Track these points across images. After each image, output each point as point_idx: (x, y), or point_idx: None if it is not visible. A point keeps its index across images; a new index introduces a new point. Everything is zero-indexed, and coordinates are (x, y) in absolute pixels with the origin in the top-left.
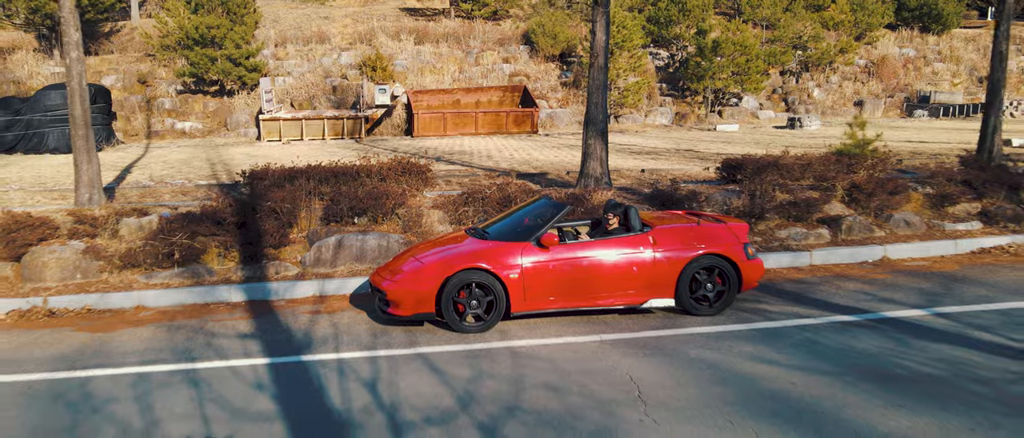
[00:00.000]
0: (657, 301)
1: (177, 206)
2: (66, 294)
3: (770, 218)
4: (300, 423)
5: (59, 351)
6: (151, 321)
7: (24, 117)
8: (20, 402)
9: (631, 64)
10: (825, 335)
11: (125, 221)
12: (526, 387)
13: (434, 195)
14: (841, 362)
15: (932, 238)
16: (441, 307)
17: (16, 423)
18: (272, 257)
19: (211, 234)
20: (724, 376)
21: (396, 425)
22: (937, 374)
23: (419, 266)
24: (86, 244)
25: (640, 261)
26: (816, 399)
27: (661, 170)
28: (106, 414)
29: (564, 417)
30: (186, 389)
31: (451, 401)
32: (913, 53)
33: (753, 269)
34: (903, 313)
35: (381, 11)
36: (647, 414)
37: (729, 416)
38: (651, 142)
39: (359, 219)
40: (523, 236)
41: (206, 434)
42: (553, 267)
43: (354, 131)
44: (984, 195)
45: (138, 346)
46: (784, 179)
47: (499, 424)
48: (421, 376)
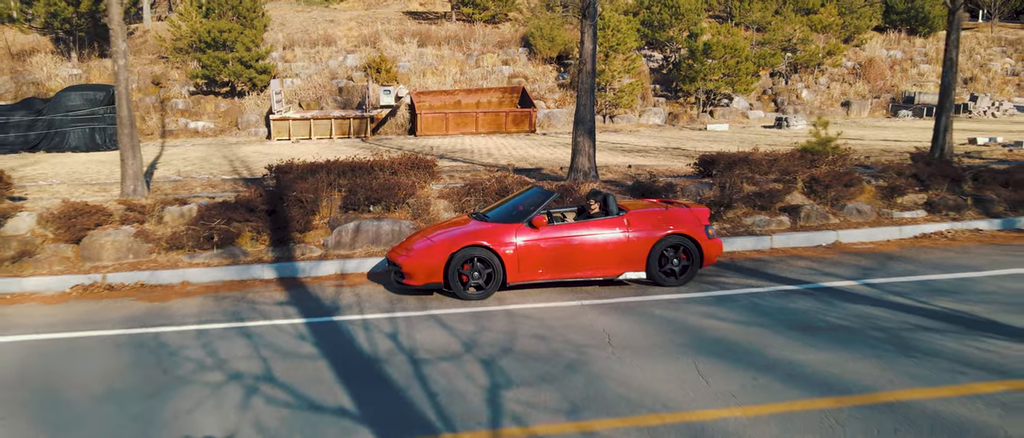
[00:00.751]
0: (631, 274)
1: (214, 197)
2: (121, 271)
3: (738, 207)
4: (339, 360)
5: (128, 315)
6: (198, 293)
7: (46, 117)
8: (113, 349)
9: (625, 66)
10: (768, 299)
11: (168, 209)
12: (518, 337)
13: (440, 187)
14: (775, 317)
15: (880, 225)
16: (448, 278)
17: (117, 362)
18: (298, 240)
19: (244, 220)
20: (679, 328)
21: (415, 361)
22: (848, 325)
23: (429, 244)
24: (136, 229)
25: (616, 240)
26: (748, 341)
27: (647, 166)
28: (182, 356)
29: (548, 355)
30: (241, 339)
31: (458, 346)
32: (900, 55)
33: (713, 247)
34: (837, 283)
35: (384, 14)
36: (613, 352)
37: (677, 353)
38: (643, 141)
39: (374, 207)
40: (518, 219)
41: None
42: (543, 245)
43: (360, 130)
44: (929, 187)
45: (192, 311)
46: (753, 173)
47: (496, 359)
48: (433, 330)
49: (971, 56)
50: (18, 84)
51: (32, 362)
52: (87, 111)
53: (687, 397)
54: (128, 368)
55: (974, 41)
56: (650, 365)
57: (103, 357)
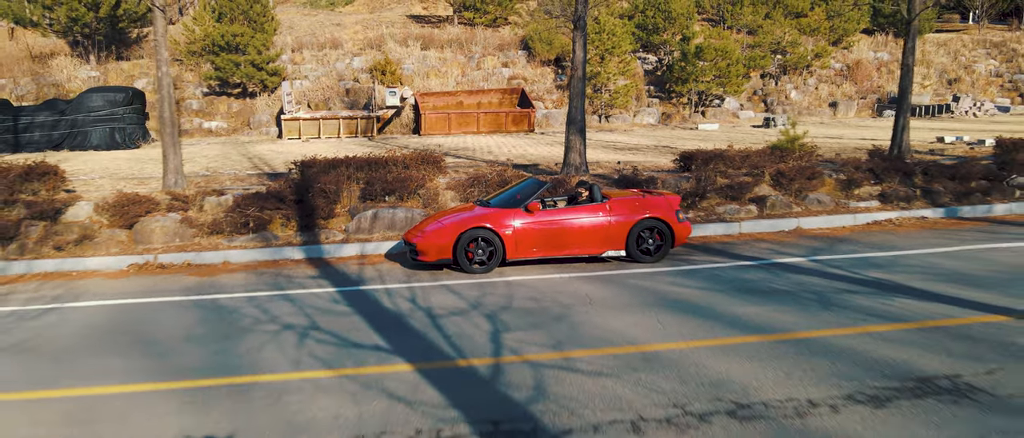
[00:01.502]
0: (612, 252)
1: (248, 189)
2: (170, 252)
3: (711, 197)
4: (369, 316)
5: (184, 286)
6: (238, 270)
7: (69, 117)
8: (181, 310)
9: (620, 68)
10: (727, 272)
11: (208, 199)
12: (515, 299)
13: (446, 180)
14: (729, 285)
15: (838, 213)
16: (456, 255)
17: (189, 318)
18: (322, 226)
19: (275, 208)
20: (648, 292)
21: (432, 316)
22: (787, 289)
23: (440, 226)
24: (181, 216)
25: (600, 223)
26: (702, 301)
27: (635, 162)
28: (240, 313)
29: (538, 311)
30: (285, 303)
31: (466, 305)
32: (887, 57)
33: (683, 229)
34: (788, 260)
35: (389, 18)
36: (592, 309)
37: (643, 309)
38: (635, 140)
39: (389, 197)
40: (516, 205)
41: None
42: (537, 227)
43: (367, 130)
44: (883, 180)
45: (238, 283)
46: (726, 168)
47: (497, 314)
48: (445, 295)
49: (956, 58)
50: (39, 86)
51: (120, 319)
52: (107, 112)
53: (645, 336)
54: (199, 322)
55: (960, 43)
56: (620, 316)
57: (176, 315)
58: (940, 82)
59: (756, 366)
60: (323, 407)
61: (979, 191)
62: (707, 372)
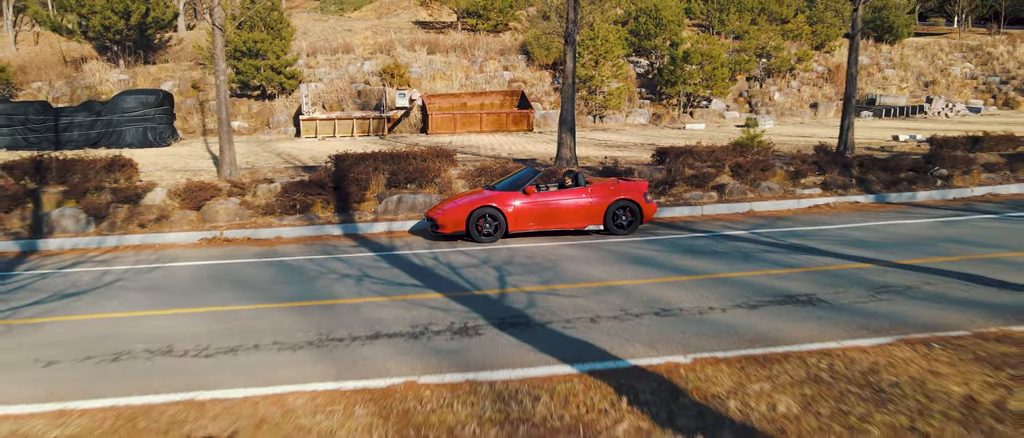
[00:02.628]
0: (593, 226)
1: (293, 178)
2: (232, 229)
3: (680, 185)
4: (404, 268)
5: (253, 252)
6: (291, 243)
7: (104, 117)
8: (258, 267)
9: (613, 72)
10: (682, 240)
11: (260, 186)
12: (515, 257)
13: (457, 171)
14: (680, 249)
15: (785, 198)
16: (468, 228)
17: (267, 272)
18: (355, 209)
19: (316, 194)
20: (617, 253)
21: (452, 268)
22: (723, 251)
23: (455, 205)
24: (240, 200)
25: (582, 203)
26: (657, 258)
27: (620, 157)
28: (305, 268)
29: (532, 264)
30: (337, 262)
31: (478, 261)
32: (867, 60)
33: (650, 208)
34: (733, 232)
35: (396, 24)
36: (573, 262)
37: (611, 263)
38: (625, 138)
39: (410, 185)
40: (516, 189)
41: None
42: (532, 206)
43: (378, 129)
44: (825, 171)
45: (295, 250)
46: (694, 161)
47: (502, 266)
48: (461, 255)
49: (934, 62)
50: (73, 88)
51: (215, 272)
52: (140, 112)
53: (609, 277)
54: (277, 273)
55: (937, 47)
56: (593, 267)
57: (256, 270)
58: (917, 84)
59: (681, 291)
60: (387, 314)
61: (906, 180)
62: (647, 295)
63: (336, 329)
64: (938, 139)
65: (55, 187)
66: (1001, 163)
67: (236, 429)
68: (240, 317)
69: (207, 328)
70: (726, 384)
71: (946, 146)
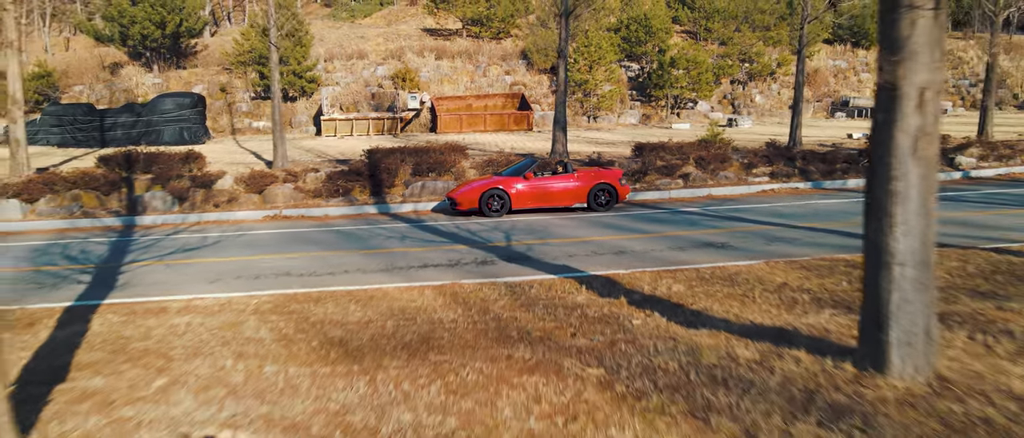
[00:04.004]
0: (578, 205)
1: (335, 168)
2: (288, 209)
3: (652, 174)
4: (433, 232)
5: (311, 225)
6: (337, 219)
7: (144, 118)
8: (320, 233)
9: (606, 76)
10: (646, 214)
11: (309, 174)
12: (517, 225)
13: (469, 162)
14: (645, 219)
15: (739, 185)
16: (481, 205)
17: (328, 235)
18: (387, 193)
19: (354, 181)
20: (597, 222)
21: (470, 231)
22: (676, 220)
23: (470, 187)
24: (293, 186)
25: (570, 186)
26: (625, 224)
27: (608, 152)
28: (356, 233)
29: (531, 228)
30: (380, 228)
31: (489, 228)
32: (845, 65)
33: (624, 190)
34: (688, 209)
35: (405, 31)
36: (562, 227)
37: (590, 228)
38: (614, 137)
39: (430, 174)
40: (518, 175)
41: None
42: (531, 189)
43: (392, 129)
44: (773, 163)
45: (343, 224)
46: (666, 154)
47: (507, 230)
48: (476, 224)
49: None
50: (112, 92)
51: (288, 235)
52: (176, 113)
53: (586, 235)
54: (336, 236)
55: None
56: (576, 230)
57: (321, 234)
58: None
59: (635, 243)
60: (429, 255)
61: (841, 170)
62: (610, 244)
63: (397, 263)
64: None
65: (142, 175)
66: None
67: (355, 298)
68: (327, 259)
69: (307, 265)
70: (646, 280)
71: None
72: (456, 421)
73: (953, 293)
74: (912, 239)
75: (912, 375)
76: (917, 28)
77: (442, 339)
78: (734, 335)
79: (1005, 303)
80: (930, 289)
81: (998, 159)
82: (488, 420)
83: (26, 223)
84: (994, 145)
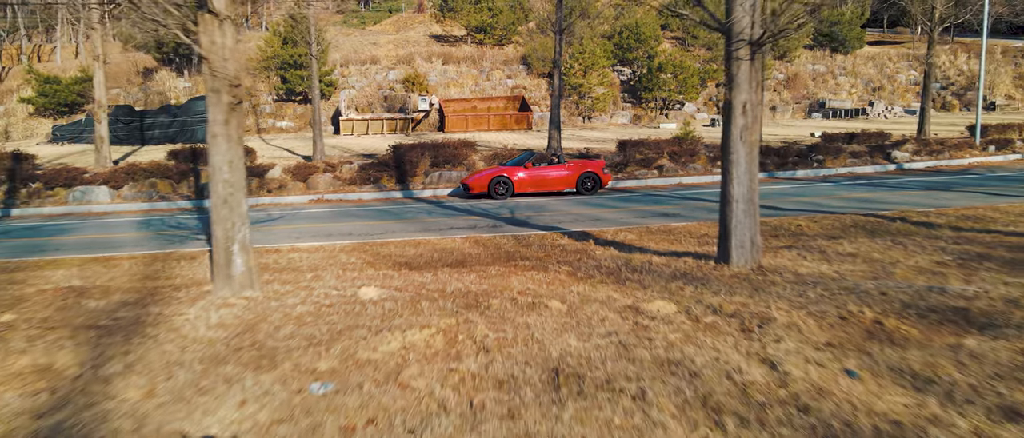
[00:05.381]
0: (569, 189)
1: (366, 161)
2: (329, 194)
3: (632, 166)
4: (451, 209)
5: (351, 205)
6: (371, 201)
7: (179, 119)
8: (361, 210)
9: (599, 80)
10: (622, 196)
11: (344, 166)
12: (519, 205)
13: (478, 156)
14: (621, 198)
15: (706, 175)
16: (489, 190)
17: (368, 211)
18: (410, 182)
19: (382, 171)
20: (583, 201)
21: (482, 209)
22: (645, 200)
23: (480, 175)
24: (332, 175)
25: (562, 174)
26: (606, 202)
27: (597, 147)
28: (389, 209)
29: (530, 206)
30: (409, 206)
31: (497, 206)
32: (823, 69)
33: (606, 178)
34: (658, 193)
35: (413, 37)
36: (555, 205)
37: (578, 206)
38: (605, 135)
39: (446, 165)
40: (519, 165)
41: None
42: (530, 176)
43: (404, 128)
44: None
45: (377, 205)
46: (644, 149)
47: (512, 208)
48: (486, 204)
49: (882, 69)
50: (147, 94)
51: (335, 212)
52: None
53: (575, 210)
54: (377, 213)
55: (886, 57)
56: (565, 207)
57: (364, 212)
58: (866, 89)
59: (610, 213)
60: (453, 222)
61: (792, 163)
62: (592, 214)
63: (429, 227)
64: (826, 134)
65: (205, 166)
66: (865, 151)
67: (406, 244)
68: (374, 226)
69: (361, 229)
70: (609, 233)
71: (829, 140)
72: (487, 285)
73: (814, 236)
74: (742, 187)
75: (743, 265)
76: (740, 69)
77: (472, 260)
78: (656, 255)
79: (838, 240)
80: (754, 217)
81: (929, 154)
82: (504, 286)
83: (115, 205)
84: (928, 142)
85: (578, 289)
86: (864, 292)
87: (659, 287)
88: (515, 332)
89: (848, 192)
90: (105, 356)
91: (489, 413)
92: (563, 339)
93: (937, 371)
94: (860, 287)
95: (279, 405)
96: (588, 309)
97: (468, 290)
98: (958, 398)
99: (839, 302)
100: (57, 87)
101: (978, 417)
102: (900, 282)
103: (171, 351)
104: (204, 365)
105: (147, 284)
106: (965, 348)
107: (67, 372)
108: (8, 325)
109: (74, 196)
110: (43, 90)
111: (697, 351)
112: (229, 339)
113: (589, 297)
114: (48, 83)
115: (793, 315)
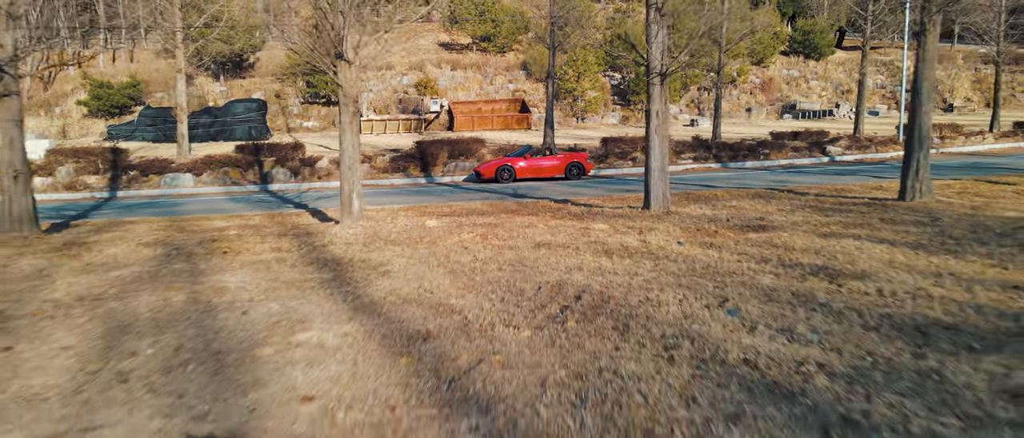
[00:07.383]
0: (559, 176)
1: (396, 154)
2: (366, 180)
3: (611, 158)
4: (467, 191)
5: (386, 188)
6: (401, 186)
7: (219, 119)
8: (398, 192)
9: (591, 84)
10: (600, 181)
11: (378, 157)
12: (519, 186)
13: (486, 150)
14: (599, 183)
15: (672, 165)
16: (496, 176)
17: (403, 193)
18: (432, 170)
19: (409, 162)
20: (568, 184)
21: (491, 189)
22: (616, 183)
23: (489, 165)
24: (369, 165)
25: (554, 163)
26: (586, 188)
27: (584, 143)
28: (420, 191)
29: (528, 188)
30: (435, 188)
31: (502, 188)
32: (797, 74)
33: (589, 166)
34: (630, 178)
35: (423, 45)
36: (549, 187)
37: (565, 187)
38: (595, 134)
39: (461, 157)
40: (520, 156)
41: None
42: (529, 165)
43: (417, 128)
44: (696, 151)
45: (407, 188)
46: (622, 144)
47: (514, 188)
48: (494, 186)
49: (851, 74)
50: (186, 97)
51: (379, 192)
52: (245, 116)
53: (562, 190)
54: (410, 193)
55: (856, 62)
56: (555, 188)
57: (398, 192)
58: (835, 93)
59: (587, 190)
60: (471, 196)
61: (742, 156)
62: (574, 191)
63: (454, 199)
64: (774, 133)
65: (267, 158)
66: (805, 146)
67: (441, 208)
68: (413, 200)
69: (404, 200)
70: (583, 198)
71: (777, 137)
72: (501, 220)
73: (721, 199)
74: (657, 162)
75: (657, 210)
76: (655, 89)
77: (489, 211)
78: (607, 207)
79: (733, 202)
80: (665, 181)
81: (859, 149)
82: (510, 220)
83: (198, 188)
84: (859, 139)
85: (554, 222)
86: (719, 220)
87: (602, 220)
88: (518, 234)
89: (775, 177)
90: (308, 244)
91: (506, 256)
92: (543, 237)
93: (719, 242)
94: (718, 218)
95: (411, 253)
96: (559, 227)
97: (488, 222)
98: (727, 252)
99: (699, 224)
100: (109, 91)
101: (731, 261)
102: (743, 215)
103: (337, 242)
104: (366, 243)
105: (287, 224)
106: (749, 239)
107: (291, 254)
108: (221, 231)
109: (165, 181)
110: (96, 93)
111: (610, 239)
112: (365, 239)
113: (561, 224)
114: (101, 87)
115: (668, 227)
